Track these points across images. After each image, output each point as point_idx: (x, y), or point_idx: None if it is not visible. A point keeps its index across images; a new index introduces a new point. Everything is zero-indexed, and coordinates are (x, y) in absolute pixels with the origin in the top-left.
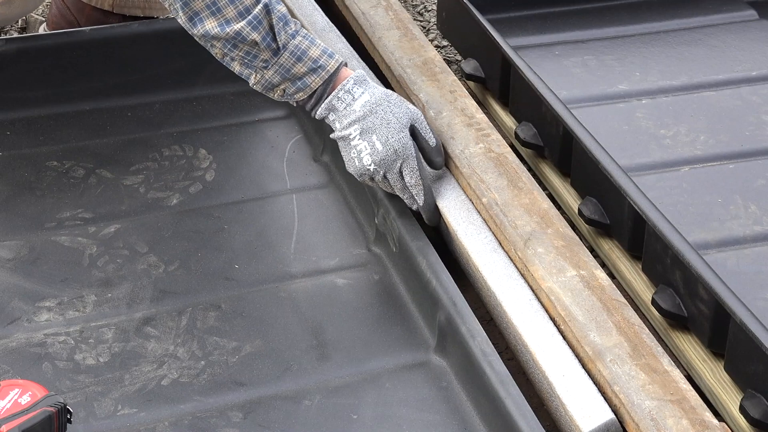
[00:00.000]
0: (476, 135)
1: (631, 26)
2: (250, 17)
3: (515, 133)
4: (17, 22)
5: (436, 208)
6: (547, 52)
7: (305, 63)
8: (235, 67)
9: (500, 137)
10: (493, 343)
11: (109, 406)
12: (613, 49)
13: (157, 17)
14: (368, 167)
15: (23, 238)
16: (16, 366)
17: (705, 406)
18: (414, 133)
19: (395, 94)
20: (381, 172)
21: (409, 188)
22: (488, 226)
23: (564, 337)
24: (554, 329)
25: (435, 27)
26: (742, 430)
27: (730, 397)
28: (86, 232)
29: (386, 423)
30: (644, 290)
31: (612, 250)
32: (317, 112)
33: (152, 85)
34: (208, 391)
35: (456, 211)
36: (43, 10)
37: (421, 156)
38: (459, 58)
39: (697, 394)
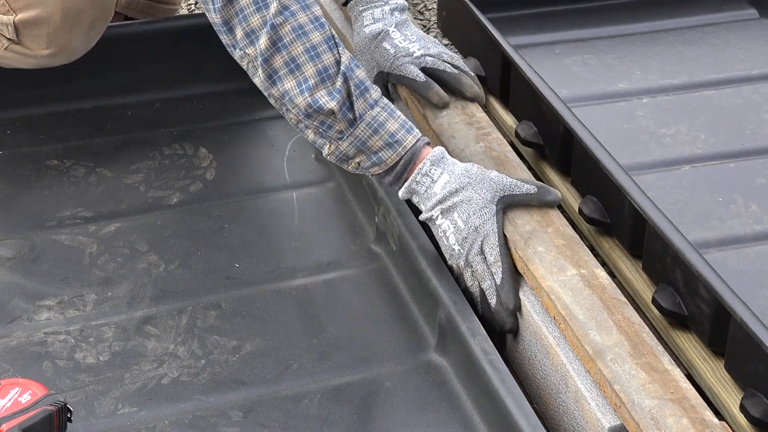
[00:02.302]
0: (477, 134)
1: (632, 25)
2: (328, 84)
3: (515, 132)
4: None
5: (516, 293)
6: (548, 50)
7: (381, 137)
8: (309, 135)
9: (500, 136)
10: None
11: (109, 405)
12: (614, 47)
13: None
14: (453, 246)
15: (23, 236)
16: (17, 365)
17: (705, 405)
18: (509, 200)
19: (476, 168)
20: (464, 254)
21: (490, 267)
22: None
23: (564, 336)
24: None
25: (435, 26)
26: (742, 429)
27: (730, 396)
28: (86, 231)
29: (386, 422)
30: (644, 289)
31: (612, 249)
32: (400, 194)
33: (153, 84)
34: (209, 390)
35: None
36: None
37: (503, 233)
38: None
39: (697, 393)
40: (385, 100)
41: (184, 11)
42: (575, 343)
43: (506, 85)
